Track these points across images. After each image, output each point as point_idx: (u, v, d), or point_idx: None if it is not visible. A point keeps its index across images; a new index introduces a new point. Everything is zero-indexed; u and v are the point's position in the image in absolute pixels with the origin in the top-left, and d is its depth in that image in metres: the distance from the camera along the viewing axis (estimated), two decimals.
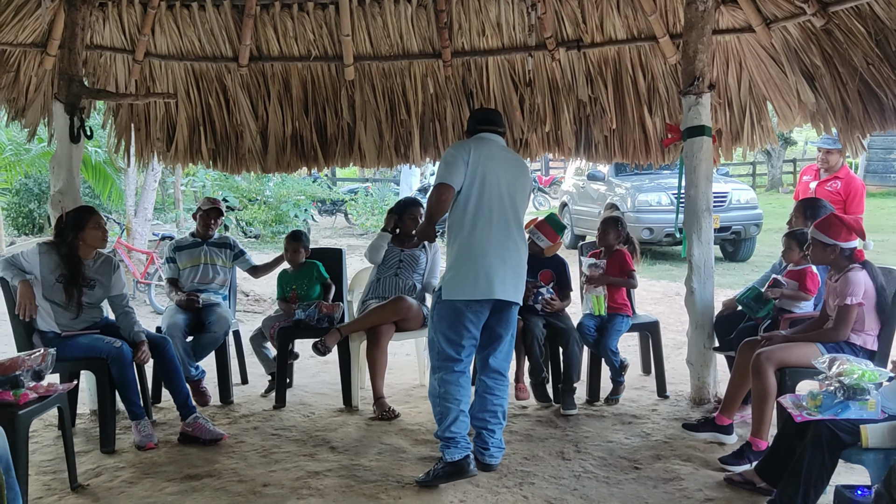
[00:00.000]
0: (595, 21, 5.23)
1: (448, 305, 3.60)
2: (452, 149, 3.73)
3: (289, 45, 5.50)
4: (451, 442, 3.54)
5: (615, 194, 11.48)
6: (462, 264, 3.60)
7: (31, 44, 4.92)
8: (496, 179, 3.64)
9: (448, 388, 3.58)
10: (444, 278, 3.66)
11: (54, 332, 4.08)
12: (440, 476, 3.49)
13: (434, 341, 3.67)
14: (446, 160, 3.66)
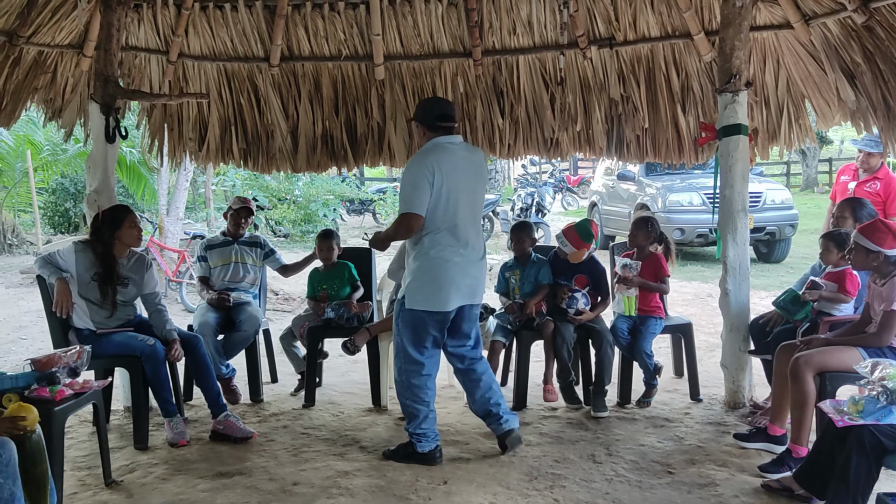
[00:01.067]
0: (628, 18, 5.17)
1: (411, 314, 3.70)
2: (415, 167, 3.66)
3: (319, 45, 5.51)
4: (422, 437, 3.77)
5: (646, 194, 11.36)
6: (425, 276, 3.67)
7: (67, 45, 4.99)
8: (458, 193, 3.67)
9: (416, 391, 3.75)
10: (408, 287, 3.72)
11: (89, 330, 4.12)
12: (410, 460, 3.76)
13: (399, 345, 3.77)
14: (412, 183, 3.62)
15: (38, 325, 7.38)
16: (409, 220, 3.60)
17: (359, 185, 17.98)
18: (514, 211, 13.10)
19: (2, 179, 13.82)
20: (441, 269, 3.66)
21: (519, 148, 5.67)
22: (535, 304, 4.61)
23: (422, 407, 3.76)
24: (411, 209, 3.61)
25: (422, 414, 3.77)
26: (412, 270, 3.72)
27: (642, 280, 4.61)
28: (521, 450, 3.93)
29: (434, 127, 3.73)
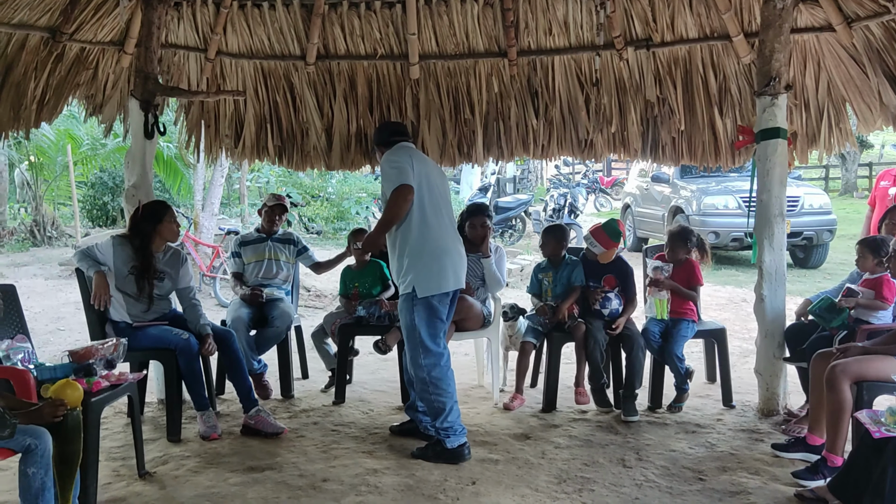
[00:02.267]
0: (666, 20, 5.11)
1: (424, 303, 3.77)
2: (392, 156, 3.85)
3: (355, 44, 5.54)
4: (451, 430, 3.80)
5: (680, 197, 11.24)
6: (431, 261, 3.78)
7: (109, 42, 5.08)
8: (435, 180, 3.91)
9: (439, 384, 3.81)
10: (415, 277, 3.77)
11: (126, 323, 4.20)
12: (439, 458, 3.76)
13: (416, 340, 3.80)
14: (394, 166, 3.78)
15: (76, 317, 7.54)
16: (403, 192, 3.69)
17: None
18: (546, 212, 13.05)
19: (43, 173, 14.11)
20: (441, 251, 3.81)
21: (553, 149, 5.64)
22: (568, 307, 4.59)
23: (447, 399, 3.81)
24: (402, 181, 3.71)
25: (447, 406, 3.80)
26: (413, 260, 3.78)
27: (673, 283, 4.57)
28: (551, 452, 3.91)
29: (390, 143, 3.98)
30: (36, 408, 2.84)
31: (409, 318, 3.81)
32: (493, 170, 15.80)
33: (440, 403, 3.80)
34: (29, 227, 13.92)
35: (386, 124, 4.57)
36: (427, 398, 3.84)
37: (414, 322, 3.79)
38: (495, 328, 4.87)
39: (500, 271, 4.89)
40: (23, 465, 2.75)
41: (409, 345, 3.87)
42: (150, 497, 3.39)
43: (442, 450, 3.79)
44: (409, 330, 3.84)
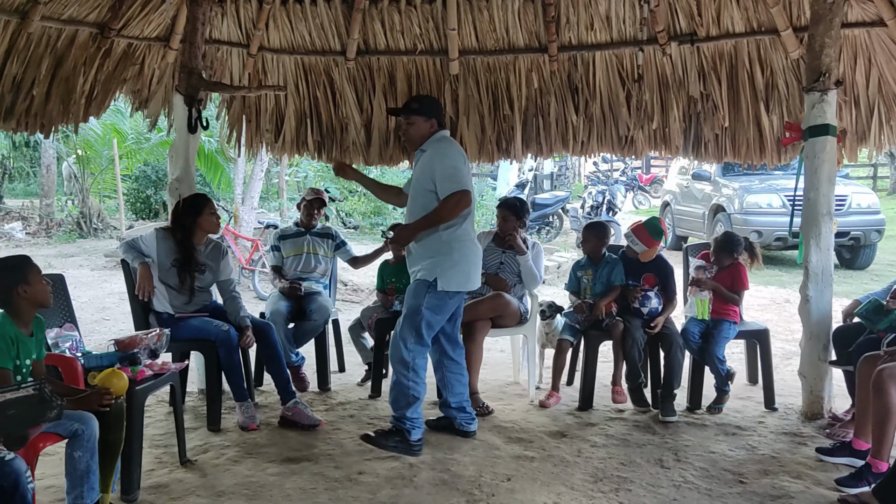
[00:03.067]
0: (711, 14, 5.02)
1: (441, 296, 3.81)
2: (453, 150, 3.91)
3: (395, 39, 5.55)
4: (417, 422, 3.85)
5: (722, 195, 11.05)
6: (461, 259, 3.83)
7: (155, 38, 5.16)
8: (471, 180, 4.01)
9: (420, 373, 3.84)
10: (443, 270, 3.79)
11: (168, 314, 4.27)
12: (398, 449, 3.79)
13: (415, 326, 3.79)
14: (454, 164, 3.81)
15: (119, 307, 7.71)
16: (465, 199, 3.73)
17: None
18: (583, 209, 12.94)
19: (90, 166, 14.45)
20: (472, 253, 3.91)
21: (592, 145, 5.59)
22: (606, 304, 4.55)
23: (421, 390, 3.86)
24: (464, 186, 3.75)
25: (421, 396, 3.86)
26: (445, 255, 3.80)
27: (715, 284, 4.49)
28: (587, 450, 3.89)
29: (442, 123, 4.01)
30: (83, 395, 2.91)
31: (418, 302, 3.80)
32: (530, 166, 15.72)
33: (416, 392, 3.82)
34: (76, 219, 14.27)
35: (436, 101, 4.48)
36: (403, 384, 3.82)
37: (421, 307, 3.79)
38: (532, 325, 4.85)
39: (537, 267, 4.86)
40: (69, 448, 2.82)
41: (406, 326, 3.82)
42: (192, 484, 3.45)
43: (404, 440, 3.81)
44: (412, 312, 3.81)
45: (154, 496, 3.33)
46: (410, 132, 3.96)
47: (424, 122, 3.94)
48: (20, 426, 2.43)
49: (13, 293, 2.87)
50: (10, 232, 13.59)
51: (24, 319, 2.93)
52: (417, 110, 3.95)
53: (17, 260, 2.98)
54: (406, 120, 3.97)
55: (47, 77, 4.71)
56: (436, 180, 3.78)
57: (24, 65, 4.56)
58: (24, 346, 2.91)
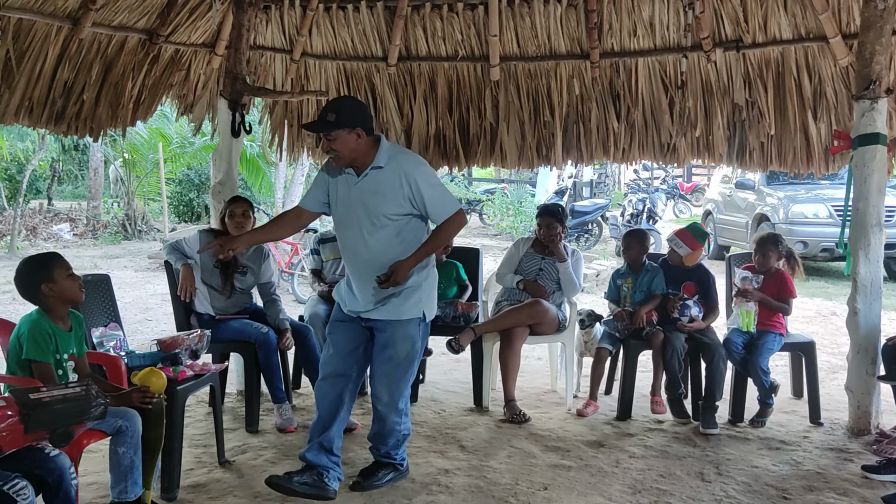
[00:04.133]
0: (758, 20, 4.94)
1: (426, 328, 3.46)
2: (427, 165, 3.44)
3: (436, 45, 5.57)
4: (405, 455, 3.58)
5: (766, 204, 10.85)
6: (435, 281, 3.49)
7: (201, 44, 5.26)
8: None
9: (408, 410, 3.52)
10: (428, 299, 3.41)
11: (209, 315, 4.33)
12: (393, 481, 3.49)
13: (412, 369, 3.42)
14: (441, 182, 3.42)
15: (162, 308, 7.84)
16: (463, 218, 3.37)
17: (467, 184, 18.08)
18: (623, 217, 12.81)
19: (135, 170, 14.77)
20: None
21: (634, 153, 5.54)
22: (647, 312, 4.49)
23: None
24: (459, 204, 3.39)
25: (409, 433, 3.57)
26: (428, 278, 3.41)
27: (762, 295, 4.40)
28: (625, 461, 3.83)
29: (371, 129, 3.29)
30: (124, 392, 2.96)
31: (416, 346, 3.39)
32: (570, 173, 15.62)
33: (407, 430, 3.53)
34: (121, 220, 14.59)
35: (357, 102, 3.62)
36: (398, 429, 3.45)
37: (418, 351, 3.41)
38: (570, 333, 4.81)
39: (576, 275, 4.83)
40: (113, 444, 2.88)
41: (401, 376, 3.38)
42: (230, 484, 3.49)
43: (404, 472, 3.56)
44: (410, 359, 3.38)
45: (193, 495, 3.37)
46: (337, 149, 3.23)
47: (349, 135, 3.21)
48: (66, 424, 2.47)
49: (39, 291, 2.94)
50: (59, 233, 13.94)
51: (58, 315, 3.00)
52: (336, 123, 3.20)
53: (43, 258, 3.04)
54: (326, 136, 3.24)
55: (97, 82, 4.82)
56: (421, 202, 3.25)
57: (75, 70, 4.68)
58: (62, 341, 2.98)
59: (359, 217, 3.29)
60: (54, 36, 4.50)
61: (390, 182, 3.24)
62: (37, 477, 2.44)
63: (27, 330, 2.89)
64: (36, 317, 2.94)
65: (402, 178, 3.23)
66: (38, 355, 2.88)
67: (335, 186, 3.37)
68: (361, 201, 3.28)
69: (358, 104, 3.46)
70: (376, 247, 3.29)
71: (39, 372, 2.87)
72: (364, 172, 3.27)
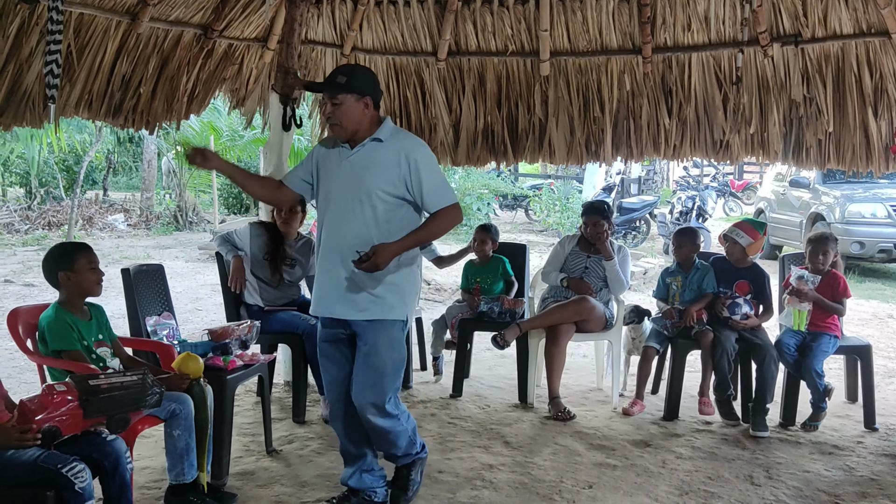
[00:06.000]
0: (818, 14, 4.80)
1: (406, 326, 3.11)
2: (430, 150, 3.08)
3: (486, 40, 5.55)
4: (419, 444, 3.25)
5: (821, 203, 10.56)
6: (418, 284, 3.18)
7: (253, 39, 5.34)
8: None
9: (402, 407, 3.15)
10: (410, 299, 3.07)
11: (258, 306, 4.40)
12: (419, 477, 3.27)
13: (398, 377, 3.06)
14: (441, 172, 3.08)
15: (211, 298, 8.00)
16: (459, 213, 3.01)
17: (513, 180, 18.01)
18: (672, 214, 12.60)
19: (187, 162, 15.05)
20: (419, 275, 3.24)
21: (685, 149, 5.43)
22: (697, 311, 4.42)
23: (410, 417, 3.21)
24: (456, 198, 3.04)
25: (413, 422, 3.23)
26: (411, 277, 3.06)
27: (818, 296, 4.28)
28: (672, 462, 3.78)
29: (378, 104, 3.01)
30: (164, 378, 3.03)
31: (402, 353, 3.05)
32: (618, 169, 15.43)
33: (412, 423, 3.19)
34: (172, 212, 14.91)
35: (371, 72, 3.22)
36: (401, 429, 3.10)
37: (404, 358, 3.08)
38: (617, 331, 4.76)
39: (623, 272, 4.78)
40: (168, 428, 2.96)
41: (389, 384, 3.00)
42: (277, 473, 3.54)
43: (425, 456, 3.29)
44: (396, 368, 3.02)
45: (241, 482, 3.44)
46: (338, 116, 2.91)
47: (356, 102, 2.91)
48: (123, 410, 2.54)
49: (57, 278, 3.04)
50: (113, 223, 14.31)
51: (75, 305, 3.08)
52: (346, 86, 2.89)
53: (70, 247, 3.15)
54: (331, 99, 2.92)
55: (153, 76, 4.92)
56: (418, 186, 2.94)
57: (133, 64, 4.78)
58: (84, 330, 3.07)
59: (345, 193, 2.95)
60: (113, 30, 4.60)
61: (387, 158, 2.93)
62: (94, 461, 2.52)
63: (46, 325, 3.00)
64: (53, 311, 3.03)
65: (401, 156, 2.92)
66: (64, 345, 2.98)
67: (325, 161, 3.05)
68: (351, 176, 2.95)
69: (370, 73, 3.17)
70: (361, 230, 2.92)
71: (72, 359, 2.97)
72: (361, 144, 2.96)
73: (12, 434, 2.31)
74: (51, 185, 16.01)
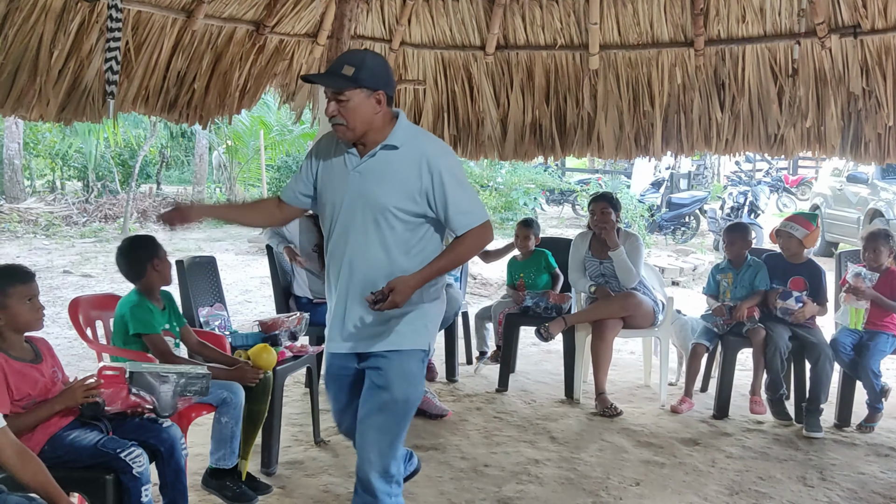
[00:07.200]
0: (878, 5, 4.65)
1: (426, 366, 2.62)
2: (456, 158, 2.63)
3: (535, 34, 5.52)
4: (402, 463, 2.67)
5: (880, 199, 10.24)
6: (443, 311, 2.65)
7: (304, 34, 5.41)
8: None
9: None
10: (434, 325, 2.60)
11: (307, 298, 4.48)
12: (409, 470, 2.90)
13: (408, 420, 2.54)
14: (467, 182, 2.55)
15: (261, 290, 8.14)
16: (490, 232, 2.50)
17: (560, 175, 17.88)
18: (723, 210, 12.36)
19: (237, 156, 15.34)
20: None
21: (738, 144, 5.33)
22: (749, 308, 4.33)
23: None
24: (487, 215, 2.53)
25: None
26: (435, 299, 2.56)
27: (876, 294, 4.16)
28: (722, 461, 3.73)
29: (393, 98, 2.49)
30: (238, 367, 3.11)
31: (417, 389, 2.55)
32: (667, 164, 15.20)
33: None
34: None
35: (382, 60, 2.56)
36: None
37: (419, 395, 2.57)
38: (666, 327, 4.70)
39: (633, 262, 4.61)
40: (218, 414, 3.04)
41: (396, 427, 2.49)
42: (325, 463, 3.60)
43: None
44: (408, 406, 2.50)
45: (290, 471, 3.50)
46: (346, 116, 2.38)
47: (367, 98, 2.39)
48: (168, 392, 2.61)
49: (147, 267, 3.14)
50: None
51: (154, 295, 3.19)
52: (355, 79, 2.36)
53: (150, 239, 3.26)
54: (335, 96, 2.39)
55: (207, 71, 5.03)
56: (442, 202, 2.42)
57: (187, 60, 4.89)
58: (159, 318, 3.16)
59: (355, 213, 2.45)
60: (169, 28, 4.71)
61: (405, 168, 2.42)
62: (150, 446, 2.60)
63: (128, 309, 3.10)
64: (135, 297, 3.15)
65: (421, 166, 2.41)
66: (147, 328, 3.08)
67: (327, 171, 2.55)
68: (362, 191, 2.44)
69: (383, 61, 2.53)
70: (376, 257, 2.44)
71: (152, 343, 3.08)
72: (371, 152, 2.44)
73: (78, 391, 2.46)
74: (107, 179, 16.45)
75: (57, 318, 6.08)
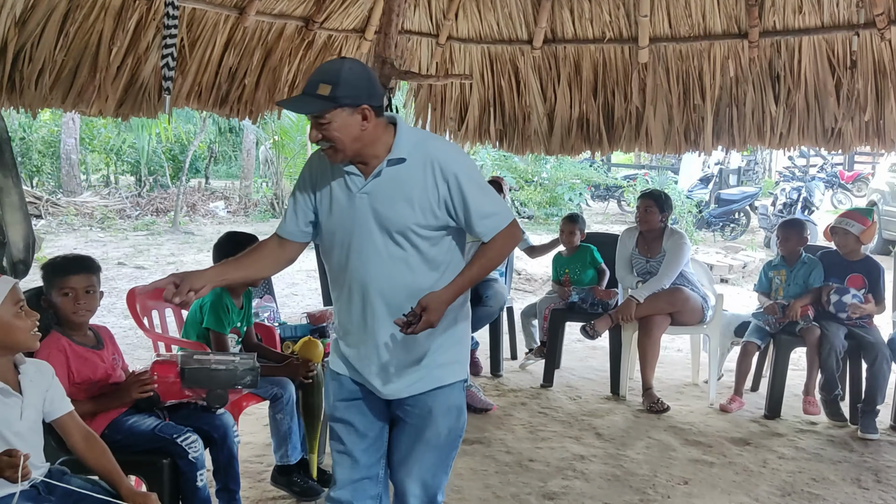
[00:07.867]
0: None
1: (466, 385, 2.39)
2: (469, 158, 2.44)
3: (583, 28, 5.47)
4: None
5: None
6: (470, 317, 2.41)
7: (352, 30, 5.45)
8: None
9: None
10: (464, 350, 2.37)
11: None
12: None
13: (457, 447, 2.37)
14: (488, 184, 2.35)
15: (306, 283, 8.25)
16: (518, 231, 2.32)
17: (606, 170, 17.70)
18: (775, 206, 12.08)
19: (284, 151, 15.53)
20: None
21: (793, 138, 5.20)
22: (802, 307, 4.24)
23: None
24: (513, 214, 2.35)
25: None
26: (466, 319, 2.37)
27: None
28: (773, 461, 3.66)
29: (381, 107, 2.22)
30: (289, 364, 3.16)
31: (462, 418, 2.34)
32: (716, 159, 14.92)
33: None
34: (269, 199, 15.42)
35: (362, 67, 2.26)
36: None
37: (464, 424, 2.35)
38: (715, 324, 4.63)
39: (675, 258, 4.57)
40: (272, 410, 3.10)
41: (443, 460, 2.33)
42: None
43: None
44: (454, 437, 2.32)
45: None
46: (334, 139, 2.14)
47: (350, 116, 2.13)
48: (217, 386, 2.65)
49: None
50: (215, 210, 14.92)
51: (237, 291, 3.23)
52: (332, 97, 2.10)
53: (247, 235, 3.28)
54: (316, 121, 2.15)
55: (258, 67, 5.10)
56: (463, 208, 2.20)
57: (239, 56, 4.97)
58: (234, 316, 3.22)
59: (369, 237, 2.20)
60: (222, 24, 4.79)
61: (418, 181, 2.18)
62: (204, 433, 2.66)
63: (210, 302, 3.14)
64: (220, 291, 3.15)
65: (434, 174, 2.18)
66: (217, 326, 3.14)
67: (327, 196, 2.27)
68: (374, 213, 2.19)
69: (361, 69, 2.22)
70: (400, 281, 2.21)
71: (217, 340, 3.14)
72: (377, 170, 2.19)
73: (133, 388, 2.52)
74: (158, 174, 16.83)
75: (112, 308, 6.26)
